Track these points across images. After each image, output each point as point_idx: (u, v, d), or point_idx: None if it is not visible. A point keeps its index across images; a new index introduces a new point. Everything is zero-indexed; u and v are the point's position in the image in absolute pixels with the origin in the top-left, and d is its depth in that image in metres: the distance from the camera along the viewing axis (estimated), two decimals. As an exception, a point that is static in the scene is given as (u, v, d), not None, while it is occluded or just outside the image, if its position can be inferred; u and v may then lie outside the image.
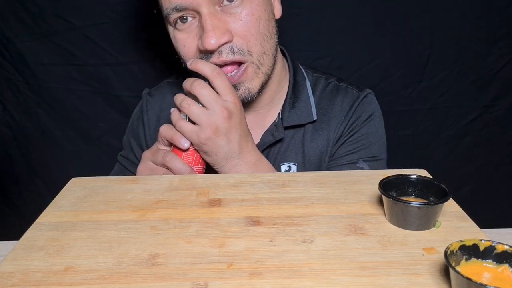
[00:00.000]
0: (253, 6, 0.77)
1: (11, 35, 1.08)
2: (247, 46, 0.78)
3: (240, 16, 0.77)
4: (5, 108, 1.15)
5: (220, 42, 0.75)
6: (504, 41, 1.10)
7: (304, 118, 0.88)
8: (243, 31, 0.77)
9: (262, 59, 0.80)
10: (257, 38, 0.78)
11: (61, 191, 0.67)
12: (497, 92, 1.14)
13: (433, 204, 0.56)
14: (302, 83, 0.91)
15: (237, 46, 0.77)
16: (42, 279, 0.48)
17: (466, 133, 1.17)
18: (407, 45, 1.09)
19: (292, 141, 0.89)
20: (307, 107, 0.89)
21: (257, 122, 0.90)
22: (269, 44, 0.81)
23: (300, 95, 0.90)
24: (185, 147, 0.75)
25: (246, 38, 0.77)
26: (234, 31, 0.77)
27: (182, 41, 0.80)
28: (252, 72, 0.80)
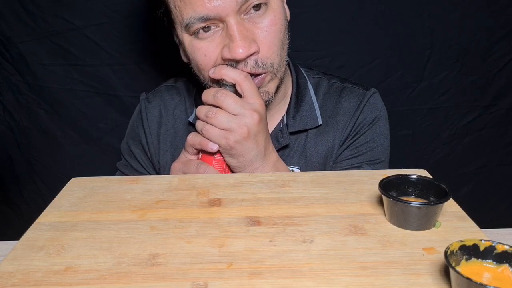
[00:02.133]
0: (276, 15, 0.77)
1: (11, 35, 1.08)
2: (270, 58, 0.78)
3: (265, 28, 0.76)
4: (5, 108, 1.15)
5: (249, 52, 0.75)
6: (504, 41, 1.10)
7: (309, 123, 0.88)
8: (268, 42, 0.77)
9: (279, 67, 0.80)
10: (278, 47, 0.78)
11: (61, 191, 0.67)
12: (497, 92, 1.14)
13: (433, 204, 0.56)
14: (304, 86, 0.91)
15: (261, 60, 0.77)
16: (42, 279, 0.48)
17: (466, 133, 1.17)
18: (408, 45, 1.09)
19: (296, 145, 0.89)
20: (312, 112, 0.88)
21: None
22: (284, 51, 0.81)
23: (303, 99, 0.89)
24: (214, 150, 0.74)
25: (270, 49, 0.77)
26: (259, 41, 0.76)
27: (203, 50, 0.78)
28: (269, 79, 0.80)
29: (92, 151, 1.17)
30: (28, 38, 1.08)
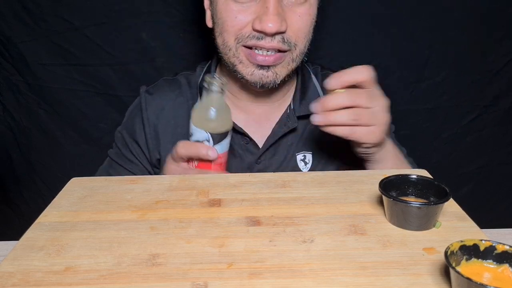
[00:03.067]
0: (311, 7, 0.81)
1: (11, 35, 1.08)
2: (296, 40, 0.80)
3: (299, 13, 0.79)
4: (5, 108, 1.15)
5: (279, 29, 0.77)
6: (504, 41, 1.10)
7: None
8: (297, 28, 0.79)
9: (300, 56, 0.83)
10: (305, 37, 0.81)
11: (61, 191, 0.67)
12: (497, 92, 1.14)
13: (433, 204, 0.56)
14: (308, 75, 0.94)
15: (288, 38, 0.79)
16: (42, 279, 0.48)
17: (466, 133, 1.17)
18: (407, 45, 1.09)
19: (305, 131, 0.90)
20: (316, 97, 0.89)
21: (266, 116, 0.91)
22: (306, 47, 0.84)
23: (308, 87, 0.92)
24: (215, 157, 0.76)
25: (297, 34, 0.80)
26: (290, 23, 0.79)
27: (236, 12, 0.79)
28: (287, 62, 0.82)
29: (92, 151, 1.17)
30: (28, 38, 1.08)
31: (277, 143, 0.89)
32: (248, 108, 0.91)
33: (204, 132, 0.76)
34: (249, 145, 0.89)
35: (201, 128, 0.76)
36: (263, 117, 0.91)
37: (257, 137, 0.89)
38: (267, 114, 0.91)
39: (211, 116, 0.76)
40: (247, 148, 0.89)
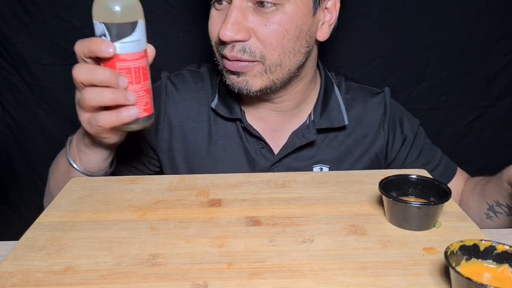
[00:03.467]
0: (284, 18, 0.75)
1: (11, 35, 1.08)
2: (261, 51, 0.76)
3: (267, 22, 0.75)
4: (5, 108, 1.15)
5: (234, 38, 0.74)
6: (504, 41, 1.10)
7: (336, 122, 0.87)
8: (263, 37, 0.75)
9: (274, 68, 0.78)
10: (276, 48, 0.76)
11: (61, 191, 0.67)
12: (498, 93, 1.14)
13: (433, 204, 0.56)
14: (331, 87, 0.90)
15: (249, 47, 0.75)
16: (42, 279, 0.48)
17: (466, 133, 1.17)
18: (408, 45, 1.09)
19: (323, 144, 0.88)
20: (338, 111, 0.88)
21: (283, 124, 0.88)
22: (289, 59, 0.78)
23: (330, 99, 0.89)
24: (110, 53, 0.62)
25: (264, 44, 0.75)
26: (255, 32, 0.75)
27: (213, 19, 0.80)
28: (257, 71, 0.78)
29: (92, 151, 1.17)
30: (28, 38, 1.08)
31: (294, 153, 0.87)
32: (262, 115, 0.88)
33: (98, 24, 0.63)
34: (264, 150, 0.87)
35: (96, 18, 0.64)
36: (279, 125, 0.88)
37: (273, 144, 0.87)
38: (284, 122, 0.88)
39: (106, 3, 0.63)
40: (262, 152, 0.87)
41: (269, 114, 0.87)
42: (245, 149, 0.87)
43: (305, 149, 0.87)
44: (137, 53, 0.64)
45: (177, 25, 1.07)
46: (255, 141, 0.87)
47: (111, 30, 0.62)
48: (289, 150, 0.86)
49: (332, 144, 0.88)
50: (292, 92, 0.85)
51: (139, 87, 0.65)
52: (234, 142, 0.88)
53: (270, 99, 0.85)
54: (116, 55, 0.62)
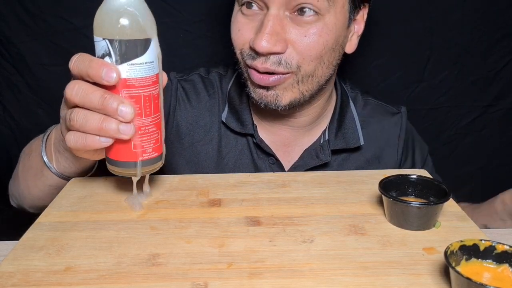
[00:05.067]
0: (324, 29, 0.71)
1: (11, 35, 1.08)
2: (298, 62, 0.71)
3: (306, 32, 0.70)
4: (5, 108, 1.15)
5: (271, 50, 0.69)
6: (504, 41, 1.10)
7: (351, 142, 0.83)
8: (302, 48, 0.70)
9: (307, 79, 0.73)
10: (313, 59, 0.72)
11: (61, 191, 0.67)
12: (498, 93, 1.14)
13: (433, 204, 0.56)
14: (347, 102, 0.87)
15: (286, 60, 0.71)
16: (42, 279, 0.48)
17: (466, 133, 1.17)
18: (408, 45, 1.09)
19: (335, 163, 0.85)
20: (354, 130, 0.84)
21: (295, 140, 0.85)
22: (322, 71, 0.74)
23: (346, 116, 0.85)
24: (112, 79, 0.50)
25: (301, 56, 0.71)
26: (292, 43, 0.70)
27: (240, 24, 0.73)
28: (289, 83, 0.73)
29: (92, 151, 1.17)
30: (28, 38, 1.08)
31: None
32: (273, 129, 0.84)
33: (101, 41, 0.50)
34: (275, 166, 0.83)
35: (98, 34, 0.51)
36: (291, 141, 0.84)
37: (283, 160, 0.84)
38: (297, 138, 0.85)
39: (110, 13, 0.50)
40: (272, 168, 0.83)
41: (283, 129, 0.84)
42: (254, 164, 0.84)
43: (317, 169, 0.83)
44: (149, 77, 0.52)
45: (177, 25, 1.07)
46: (265, 156, 0.84)
47: (117, 48, 0.50)
48: (301, 170, 0.82)
49: (344, 164, 0.85)
50: (312, 106, 0.81)
51: (149, 121, 0.53)
52: (245, 157, 0.84)
53: (290, 114, 0.81)
54: (123, 80, 0.50)
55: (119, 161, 0.54)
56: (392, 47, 1.10)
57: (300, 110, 0.80)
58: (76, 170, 0.69)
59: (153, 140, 0.54)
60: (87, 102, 0.51)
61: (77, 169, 0.69)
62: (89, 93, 0.51)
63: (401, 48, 1.10)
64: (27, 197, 0.76)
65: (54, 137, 0.69)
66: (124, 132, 0.51)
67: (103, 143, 0.52)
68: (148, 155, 0.54)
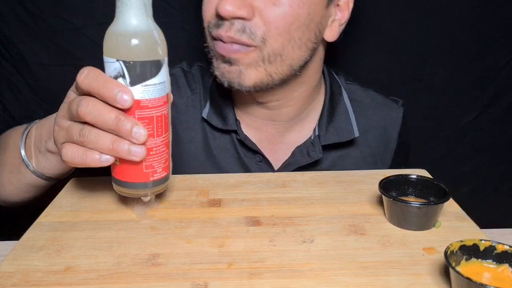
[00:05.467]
0: (297, 1, 0.66)
1: (11, 35, 1.08)
2: (264, 33, 0.66)
3: (276, 1, 0.66)
4: (5, 108, 1.15)
5: (235, 14, 0.65)
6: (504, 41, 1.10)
7: (344, 135, 0.78)
8: (270, 18, 0.65)
9: (274, 58, 0.68)
10: (281, 34, 0.66)
11: (61, 191, 0.67)
12: (497, 92, 1.14)
13: (433, 204, 0.56)
14: (339, 93, 0.81)
15: (251, 28, 0.66)
16: (42, 279, 0.48)
17: (466, 133, 1.17)
18: (407, 45, 1.09)
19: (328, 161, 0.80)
20: (347, 121, 0.79)
21: (281, 136, 0.81)
22: (293, 51, 0.69)
23: (337, 107, 0.80)
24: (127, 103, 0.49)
25: (268, 26, 0.66)
26: (259, 11, 0.66)
27: None
28: (253, 60, 0.68)
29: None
30: (28, 38, 1.08)
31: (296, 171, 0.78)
32: (256, 124, 0.80)
33: (115, 62, 0.50)
34: (262, 164, 0.79)
35: (110, 55, 0.50)
36: (277, 138, 0.80)
37: (272, 158, 0.80)
38: (282, 135, 0.81)
39: (124, 36, 0.50)
40: (260, 167, 0.79)
41: (266, 124, 0.80)
42: (241, 163, 0.80)
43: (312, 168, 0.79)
44: (161, 98, 0.52)
45: (177, 25, 1.07)
46: (251, 154, 0.79)
47: (131, 70, 0.49)
48: (291, 168, 0.78)
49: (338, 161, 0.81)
50: (291, 97, 0.76)
51: (160, 141, 0.53)
52: (230, 155, 0.80)
53: (266, 103, 0.77)
54: (136, 101, 0.50)
55: (129, 182, 0.54)
56: (391, 47, 1.10)
57: (276, 99, 0.75)
58: (57, 171, 0.68)
59: (163, 159, 0.54)
60: (100, 122, 0.50)
61: (59, 170, 0.67)
62: (104, 113, 0.49)
63: (400, 47, 1.10)
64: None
65: (36, 135, 0.66)
66: (136, 154, 0.50)
67: (103, 162, 0.51)
68: (159, 175, 0.54)
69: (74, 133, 0.52)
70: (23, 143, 0.67)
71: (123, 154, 0.50)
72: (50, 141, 0.63)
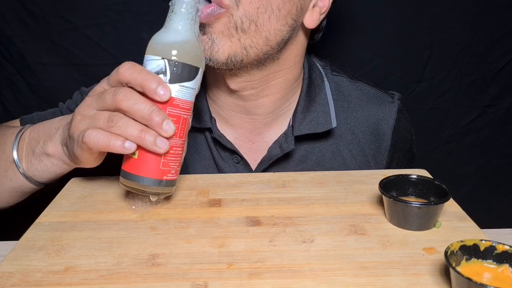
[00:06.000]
0: None
1: (11, 34, 1.08)
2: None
3: None
4: (5, 108, 1.15)
5: None
6: (504, 41, 1.10)
7: (320, 126, 0.74)
8: None
9: (247, 25, 0.64)
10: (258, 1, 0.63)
11: (61, 191, 0.67)
12: (497, 92, 1.14)
13: (433, 204, 0.56)
14: (319, 83, 0.77)
15: None
16: (42, 279, 0.48)
17: (466, 133, 1.17)
18: (407, 45, 1.09)
19: (309, 156, 0.76)
20: (325, 112, 0.74)
21: (260, 134, 0.77)
22: (269, 21, 0.65)
23: (316, 97, 0.75)
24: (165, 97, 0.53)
25: None
26: None
27: None
28: (224, 25, 0.64)
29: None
30: (28, 38, 1.08)
31: (273, 167, 0.75)
32: (235, 121, 0.76)
33: (159, 59, 0.54)
34: (239, 165, 0.75)
35: (156, 54, 0.55)
36: (255, 135, 0.76)
37: (249, 158, 0.76)
38: (260, 131, 0.76)
39: (172, 38, 0.55)
40: (237, 168, 0.76)
41: (242, 120, 0.76)
42: (217, 165, 0.76)
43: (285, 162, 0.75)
44: (190, 102, 0.56)
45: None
46: (228, 155, 0.76)
47: (173, 69, 0.54)
48: (265, 165, 0.75)
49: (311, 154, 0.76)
50: (268, 85, 0.72)
51: (180, 143, 0.56)
52: (205, 157, 0.77)
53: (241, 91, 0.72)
54: (171, 98, 0.54)
55: (142, 177, 0.55)
56: (391, 47, 1.10)
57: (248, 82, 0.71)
58: (48, 175, 0.67)
59: (178, 162, 0.57)
60: (134, 110, 0.53)
61: (50, 174, 0.67)
62: (140, 102, 0.52)
63: (401, 47, 1.10)
64: None
65: (31, 137, 0.67)
66: (160, 145, 0.53)
67: (126, 148, 0.53)
68: (172, 176, 0.57)
69: (102, 119, 0.54)
70: (16, 144, 0.67)
71: (148, 143, 0.52)
72: (49, 143, 0.64)
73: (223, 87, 0.74)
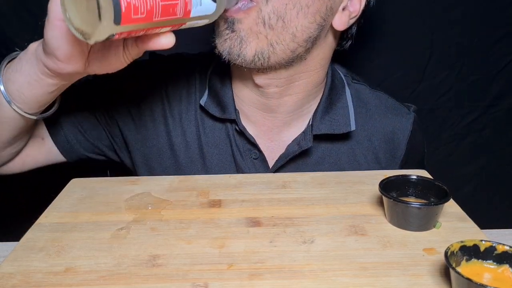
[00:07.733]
0: None
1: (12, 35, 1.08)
2: None
3: None
4: (6, 108, 1.15)
5: None
6: (505, 41, 1.10)
7: (339, 127, 0.75)
8: None
9: (275, 21, 0.65)
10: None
11: (61, 192, 0.67)
12: (498, 93, 1.14)
13: (433, 204, 0.56)
14: (341, 88, 0.79)
15: None
16: (42, 280, 0.48)
17: (466, 134, 1.17)
18: (408, 45, 1.09)
19: (325, 158, 0.77)
20: (344, 115, 0.76)
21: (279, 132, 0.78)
22: (297, 18, 0.65)
23: (337, 101, 0.77)
24: None
25: None
26: None
27: None
28: (253, 21, 0.65)
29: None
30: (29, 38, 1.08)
31: (287, 166, 0.76)
32: (255, 117, 0.77)
33: None
34: (257, 161, 0.77)
35: None
36: (275, 133, 0.78)
37: (268, 155, 0.77)
38: (280, 129, 0.78)
39: None
40: (254, 164, 0.77)
41: (264, 117, 0.77)
42: (235, 160, 0.77)
43: (302, 160, 0.76)
44: None
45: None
46: (248, 149, 0.77)
47: None
48: (282, 162, 0.76)
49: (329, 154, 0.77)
50: (293, 84, 0.73)
51: None
52: (223, 151, 0.77)
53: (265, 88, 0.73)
54: None
55: None
56: (392, 47, 1.10)
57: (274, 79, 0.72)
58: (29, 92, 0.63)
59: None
60: None
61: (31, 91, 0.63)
62: None
63: (402, 47, 1.10)
64: None
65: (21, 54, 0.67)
66: None
67: None
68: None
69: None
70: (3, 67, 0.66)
71: None
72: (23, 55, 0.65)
73: (249, 82, 0.75)
